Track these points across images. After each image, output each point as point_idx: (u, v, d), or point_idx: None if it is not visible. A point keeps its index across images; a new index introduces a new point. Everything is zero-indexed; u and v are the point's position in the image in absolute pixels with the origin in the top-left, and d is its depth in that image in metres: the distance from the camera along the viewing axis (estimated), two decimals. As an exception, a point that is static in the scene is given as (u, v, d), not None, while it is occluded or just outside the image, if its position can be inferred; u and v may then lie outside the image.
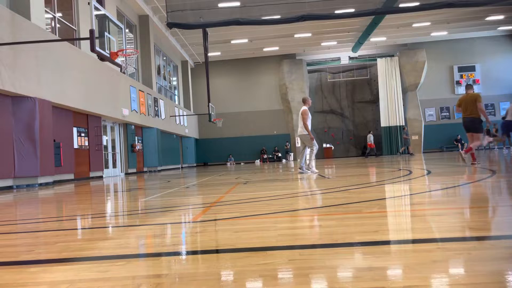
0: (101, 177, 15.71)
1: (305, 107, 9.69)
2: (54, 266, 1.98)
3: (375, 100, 32.15)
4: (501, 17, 25.97)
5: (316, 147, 9.47)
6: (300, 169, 9.60)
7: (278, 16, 17.50)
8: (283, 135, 31.61)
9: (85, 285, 1.62)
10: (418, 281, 1.45)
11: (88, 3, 8.84)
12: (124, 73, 17.10)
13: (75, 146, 13.98)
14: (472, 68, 30.94)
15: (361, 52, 30.79)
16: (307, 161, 9.50)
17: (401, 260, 1.75)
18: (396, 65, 30.48)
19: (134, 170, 19.42)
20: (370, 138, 26.03)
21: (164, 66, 26.49)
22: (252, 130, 31.73)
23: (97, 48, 8.77)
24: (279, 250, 2.07)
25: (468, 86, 9.08)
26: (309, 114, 9.62)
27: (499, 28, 28.90)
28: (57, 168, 12.17)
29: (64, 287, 1.61)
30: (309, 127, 9.48)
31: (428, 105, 31.00)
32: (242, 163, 30.09)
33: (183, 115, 27.63)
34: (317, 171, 9.58)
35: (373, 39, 28.15)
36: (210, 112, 22.65)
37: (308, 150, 9.54)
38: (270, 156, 31.60)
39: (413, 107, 30.41)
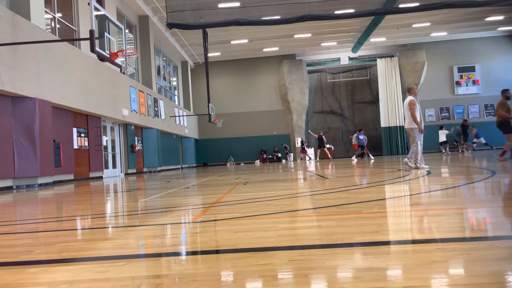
0: (101, 178, 15.71)
1: (412, 97, 8.72)
2: (54, 266, 1.98)
3: (375, 101, 32.15)
4: (501, 17, 25.98)
5: (420, 143, 8.62)
6: (415, 163, 8.73)
7: (278, 17, 17.49)
8: (283, 136, 31.61)
9: (85, 286, 1.62)
10: (418, 281, 1.45)
11: (88, 4, 8.85)
12: (124, 73, 17.10)
13: (75, 146, 13.98)
14: (472, 69, 30.94)
15: (361, 52, 30.79)
16: (417, 156, 8.66)
17: (401, 260, 1.75)
18: (396, 65, 30.49)
19: (134, 171, 19.42)
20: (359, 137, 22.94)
21: (164, 66, 26.49)
22: (252, 130, 31.72)
23: (97, 49, 8.77)
24: (279, 250, 2.07)
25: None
26: (417, 105, 8.71)
27: (499, 29, 28.91)
28: (57, 168, 12.17)
29: (64, 288, 1.61)
30: (419, 119, 8.58)
31: (428, 106, 31.00)
32: (242, 164, 30.08)
33: (183, 116, 27.63)
34: (426, 167, 8.63)
35: (373, 39, 28.15)
36: (210, 112, 22.64)
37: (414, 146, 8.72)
38: (270, 156, 31.59)
39: (413, 108, 30.35)
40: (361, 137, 22.68)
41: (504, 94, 10.40)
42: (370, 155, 22.71)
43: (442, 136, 24.52)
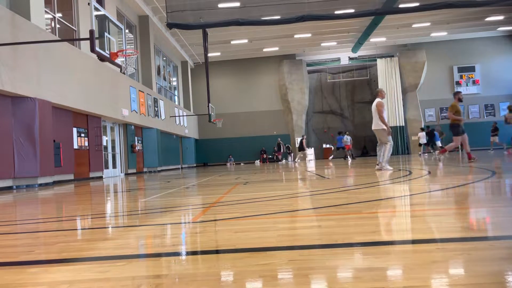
0: (101, 178, 15.71)
1: (379, 99, 9.38)
2: (54, 266, 1.98)
3: (375, 101, 32.16)
4: (501, 17, 25.99)
5: (391, 143, 9.17)
6: (377, 164, 9.25)
7: (278, 17, 17.49)
8: (283, 136, 31.61)
9: (85, 286, 1.62)
10: (418, 281, 1.45)
11: (88, 4, 8.85)
12: (124, 73, 17.10)
13: (75, 146, 13.98)
14: (471, 69, 30.96)
15: (361, 52, 30.80)
16: (386, 157, 9.12)
17: (401, 260, 1.75)
18: (396, 65, 30.50)
19: (134, 171, 19.42)
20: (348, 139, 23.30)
21: (164, 66, 26.49)
22: (252, 130, 31.73)
23: (97, 49, 8.77)
24: (279, 250, 2.07)
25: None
26: (385, 106, 9.24)
27: (499, 29, 28.91)
28: (57, 168, 12.17)
29: (64, 288, 1.61)
30: (386, 120, 9.17)
31: (428, 106, 31.00)
32: (242, 164, 30.09)
33: (183, 116, 27.63)
34: (391, 168, 9.08)
35: (373, 39, 28.16)
36: (210, 112, 22.65)
37: (383, 146, 9.18)
38: (270, 156, 31.60)
39: (413, 108, 30.41)
40: (345, 138, 23.44)
41: (456, 96, 10.39)
42: (332, 156, 24.87)
43: (423, 139, 24.70)
